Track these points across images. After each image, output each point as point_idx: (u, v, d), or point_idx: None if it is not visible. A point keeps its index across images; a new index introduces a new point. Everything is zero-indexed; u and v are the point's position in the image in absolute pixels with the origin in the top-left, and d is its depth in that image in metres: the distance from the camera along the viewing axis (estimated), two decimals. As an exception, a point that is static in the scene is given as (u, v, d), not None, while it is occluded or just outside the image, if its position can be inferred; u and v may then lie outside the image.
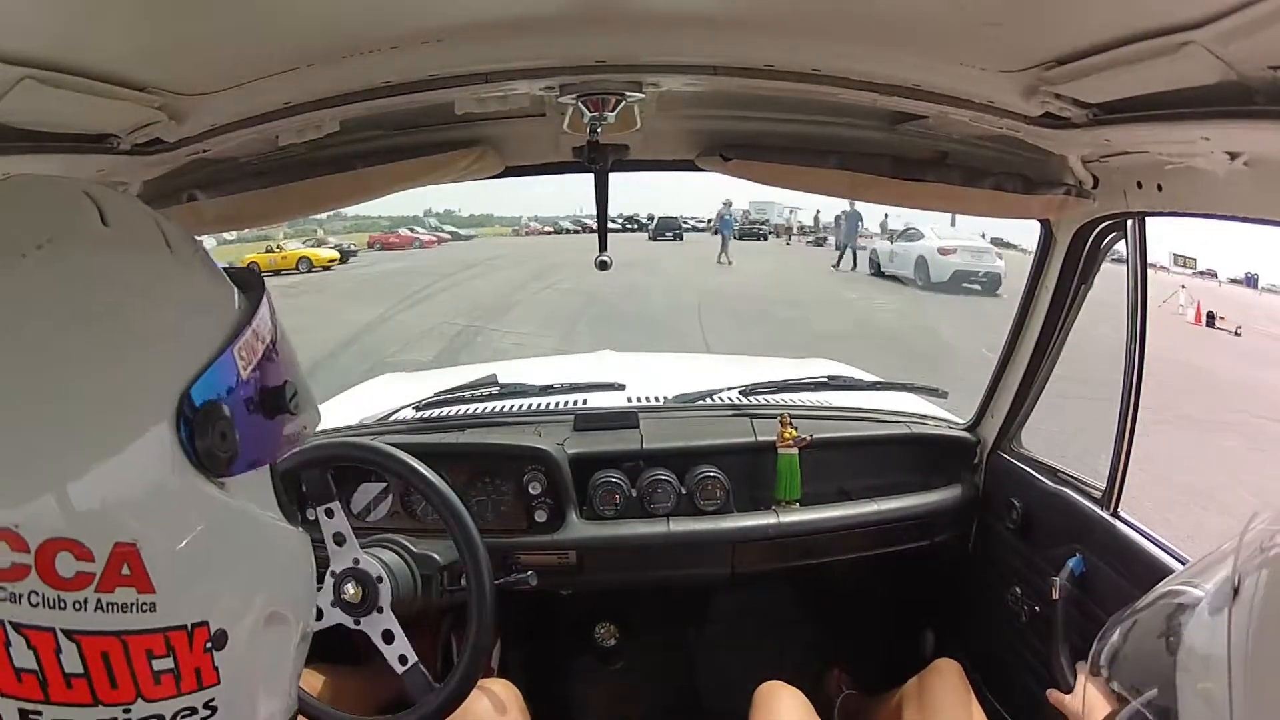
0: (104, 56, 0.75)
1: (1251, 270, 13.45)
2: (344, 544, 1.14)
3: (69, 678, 0.35)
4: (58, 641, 0.35)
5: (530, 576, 1.28)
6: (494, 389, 1.78)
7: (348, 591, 1.14)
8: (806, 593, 1.86)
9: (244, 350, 0.43)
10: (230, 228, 1.38)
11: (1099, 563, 1.26)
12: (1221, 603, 0.45)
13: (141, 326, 0.40)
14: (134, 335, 0.39)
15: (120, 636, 0.36)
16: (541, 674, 1.73)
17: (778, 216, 29.59)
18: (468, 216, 33.15)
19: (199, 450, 0.39)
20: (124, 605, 0.36)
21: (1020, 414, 1.58)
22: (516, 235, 30.07)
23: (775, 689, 1.27)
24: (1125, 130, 0.94)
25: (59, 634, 0.35)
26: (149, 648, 0.37)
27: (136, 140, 0.97)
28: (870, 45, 0.89)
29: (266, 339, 0.45)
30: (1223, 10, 0.62)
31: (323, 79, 0.94)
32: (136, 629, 0.37)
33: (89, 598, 0.35)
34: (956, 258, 11.65)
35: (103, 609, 0.36)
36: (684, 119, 1.26)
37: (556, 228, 30.86)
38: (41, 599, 0.35)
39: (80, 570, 0.35)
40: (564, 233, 29.64)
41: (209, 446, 0.40)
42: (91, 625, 0.36)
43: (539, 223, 31.45)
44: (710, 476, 1.53)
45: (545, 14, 0.82)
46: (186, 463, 0.39)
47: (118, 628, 0.36)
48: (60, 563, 0.35)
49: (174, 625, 0.38)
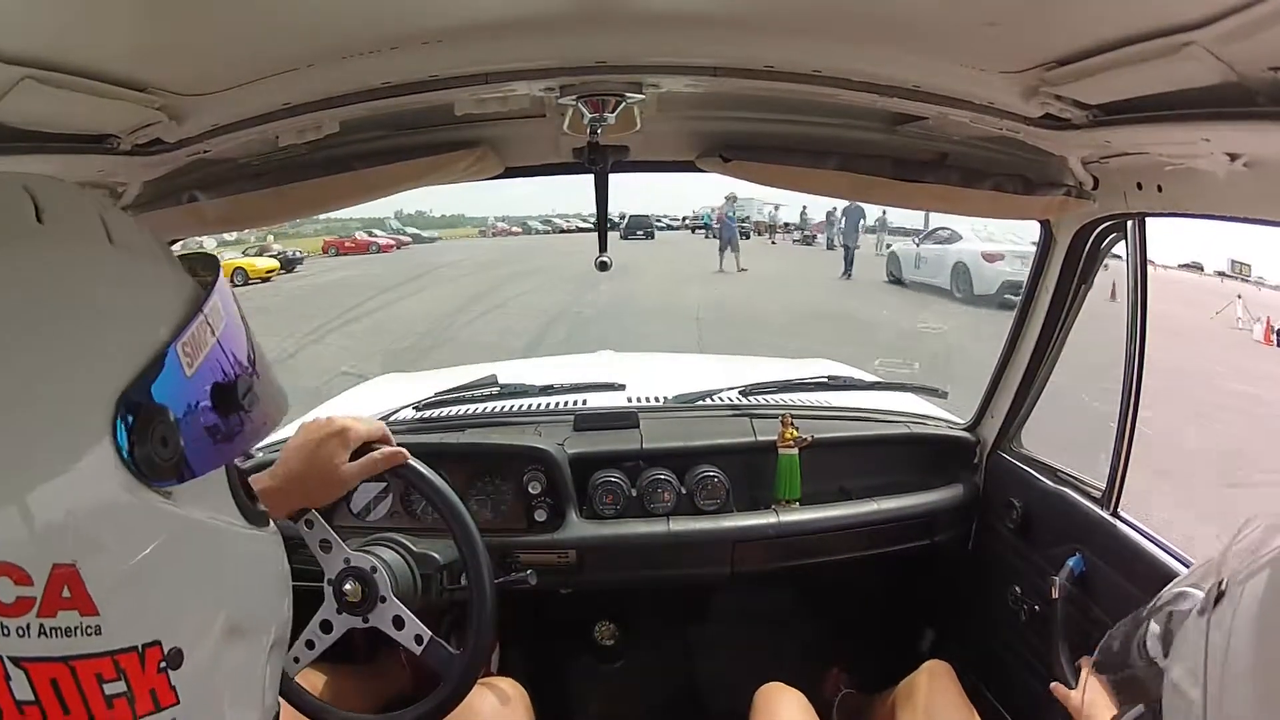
0: (104, 57, 0.75)
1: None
2: (331, 550, 1.13)
3: (20, 705, 0.34)
4: (5, 669, 0.34)
5: (530, 576, 1.28)
6: (494, 389, 1.78)
7: (347, 591, 1.14)
8: (806, 592, 1.86)
9: (188, 346, 0.40)
10: (230, 228, 1.38)
11: (1099, 562, 1.26)
12: (1206, 607, 0.46)
13: (73, 328, 0.37)
14: (65, 338, 0.36)
15: (68, 662, 0.35)
16: (541, 673, 1.73)
17: (757, 213, 28.34)
18: (439, 217, 31.91)
19: (138, 459, 0.37)
20: (68, 629, 0.34)
21: (1020, 414, 1.58)
22: (484, 236, 28.68)
23: (776, 690, 1.27)
24: (1125, 131, 0.94)
25: (5, 661, 0.34)
26: (98, 671, 0.35)
27: (137, 140, 0.97)
28: (870, 46, 0.89)
29: (219, 329, 0.42)
30: (1223, 11, 0.62)
31: (323, 79, 0.94)
32: (83, 653, 0.35)
33: (31, 623, 0.34)
34: (1005, 265, 9.32)
35: (46, 634, 0.34)
36: (684, 120, 1.26)
37: (525, 228, 29.67)
38: None
39: (20, 595, 0.33)
40: (534, 233, 28.49)
41: (149, 454, 0.37)
42: (37, 651, 0.34)
43: (506, 223, 30.21)
44: (710, 476, 1.53)
45: (545, 15, 0.82)
46: (126, 473, 0.36)
47: (63, 653, 0.34)
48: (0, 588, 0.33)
49: (122, 647, 0.36)
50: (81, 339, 0.37)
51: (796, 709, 1.24)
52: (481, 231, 29.20)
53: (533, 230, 29.26)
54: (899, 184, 1.25)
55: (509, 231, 29.00)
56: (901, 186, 1.26)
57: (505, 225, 29.41)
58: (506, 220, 30.35)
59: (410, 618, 1.12)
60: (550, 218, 30.78)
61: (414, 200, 34.15)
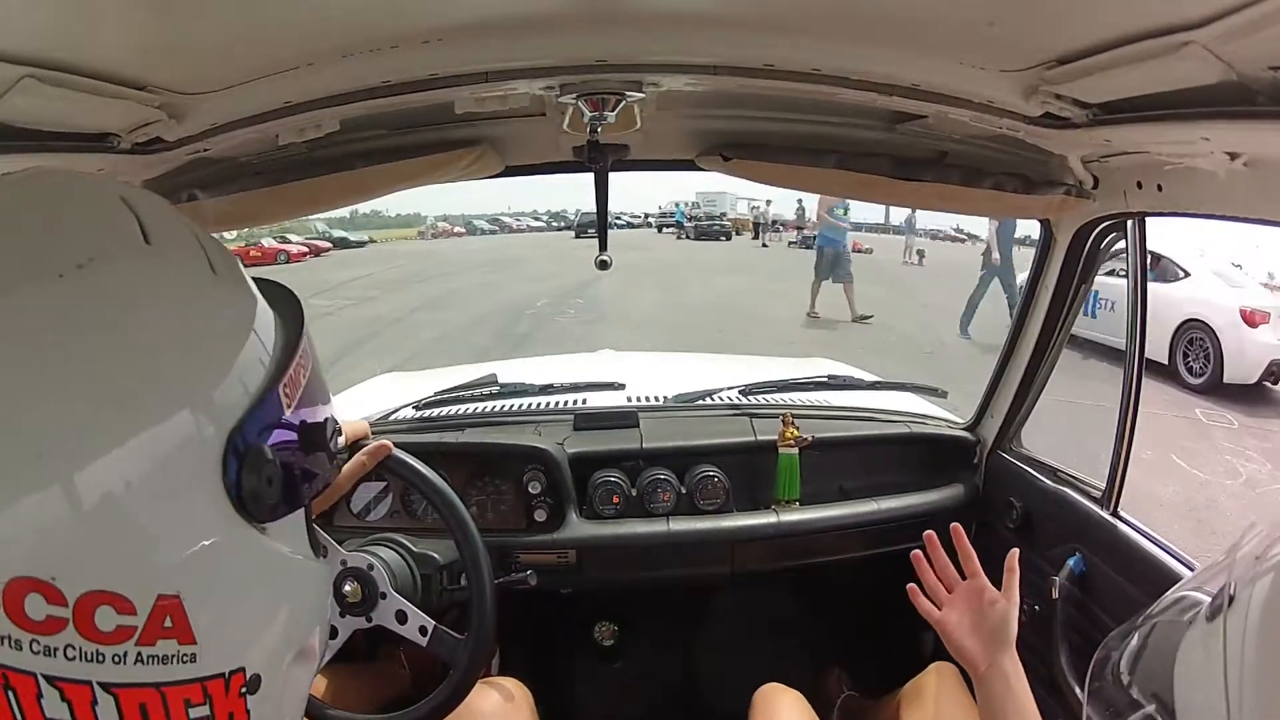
0: (104, 56, 0.75)
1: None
2: (326, 554, 1.14)
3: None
4: (94, 694, 0.33)
5: (530, 576, 1.28)
6: (494, 388, 1.78)
7: (347, 592, 1.14)
8: (806, 592, 1.86)
9: (288, 387, 0.40)
10: (231, 227, 1.38)
11: (1099, 562, 1.26)
12: (1216, 612, 0.45)
13: (185, 360, 0.37)
14: (178, 370, 0.36)
15: (159, 688, 0.35)
16: (541, 673, 1.73)
17: (730, 208, 26.43)
18: (394, 216, 29.07)
19: (245, 497, 0.37)
20: (164, 657, 0.35)
21: (1020, 414, 1.58)
22: (422, 239, 25.17)
23: (775, 691, 1.27)
24: (1125, 130, 0.94)
25: (95, 687, 0.33)
26: (187, 697, 0.36)
27: (137, 139, 0.97)
28: (870, 45, 0.89)
29: (309, 369, 0.42)
30: (1223, 10, 0.62)
31: (323, 78, 0.94)
32: (176, 680, 0.35)
33: (129, 651, 0.34)
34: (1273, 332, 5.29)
35: (142, 661, 0.34)
36: (684, 119, 1.26)
37: (470, 227, 26.75)
38: (79, 653, 0.33)
39: (120, 624, 0.33)
40: (479, 233, 25.71)
41: (256, 491, 0.37)
42: (130, 678, 0.34)
43: (449, 222, 27.01)
44: (710, 476, 1.53)
45: (545, 13, 0.82)
46: (232, 509, 0.37)
47: (157, 680, 0.35)
48: (100, 616, 0.33)
49: (213, 674, 0.36)
50: (196, 373, 0.37)
51: (795, 710, 1.23)
52: (421, 233, 25.39)
53: (478, 230, 26.66)
54: (899, 183, 1.25)
55: (450, 232, 26.09)
56: (901, 185, 1.26)
57: (447, 225, 26.27)
58: (448, 219, 27.16)
59: (413, 610, 1.13)
60: (500, 216, 28.44)
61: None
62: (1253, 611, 0.43)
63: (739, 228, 22.84)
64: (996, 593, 0.95)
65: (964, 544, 0.99)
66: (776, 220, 22.06)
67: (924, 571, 1.01)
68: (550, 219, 29.49)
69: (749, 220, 23.39)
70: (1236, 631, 0.43)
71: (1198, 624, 0.48)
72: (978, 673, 0.92)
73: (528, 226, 27.71)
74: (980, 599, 0.96)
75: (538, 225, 28.33)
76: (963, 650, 0.94)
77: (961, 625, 0.95)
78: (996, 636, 0.92)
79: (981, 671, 0.92)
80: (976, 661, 0.93)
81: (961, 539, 1.00)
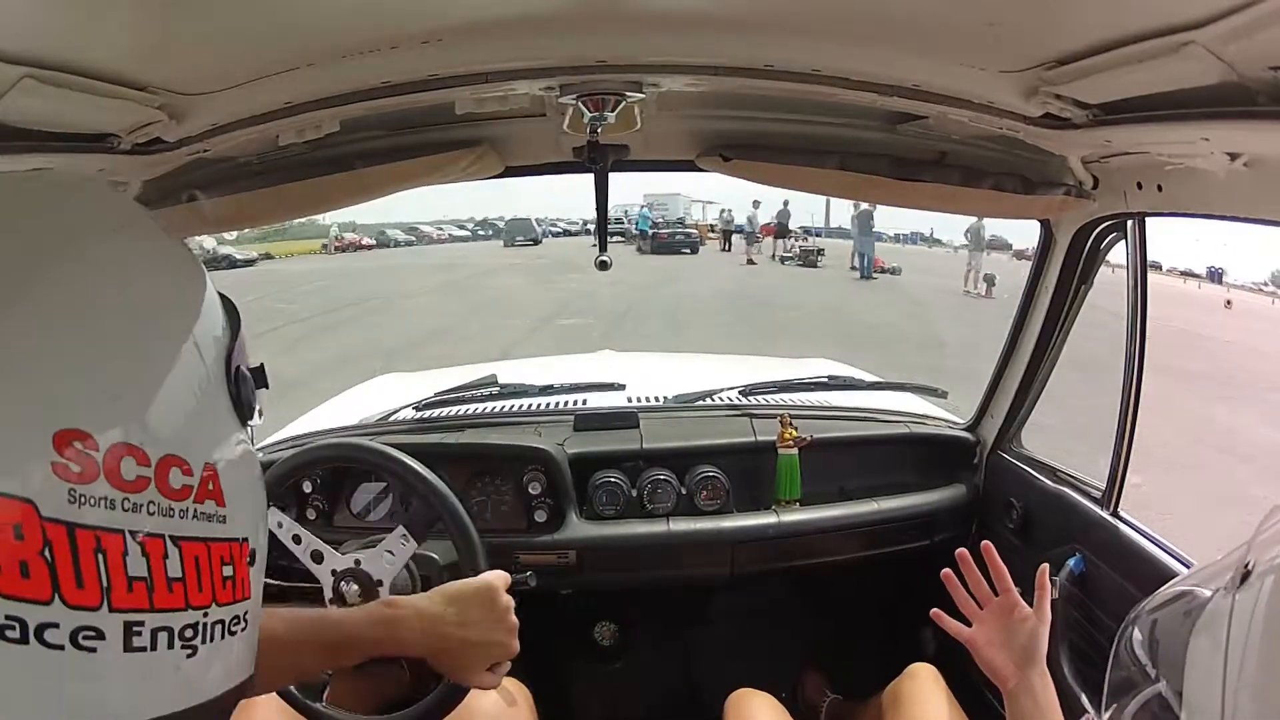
0: (104, 56, 0.75)
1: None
2: (323, 560, 1.15)
3: (171, 582, 0.42)
4: (166, 547, 0.41)
5: (530, 577, 1.28)
6: (494, 389, 1.78)
7: (347, 593, 1.14)
8: (806, 593, 1.86)
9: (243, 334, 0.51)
10: (230, 227, 1.38)
11: (1099, 562, 1.26)
12: (1230, 589, 0.46)
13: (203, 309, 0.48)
14: (201, 315, 0.48)
15: (207, 543, 0.43)
16: (541, 674, 1.73)
17: (684, 211, 23.26)
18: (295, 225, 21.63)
19: (241, 401, 0.48)
20: (209, 515, 0.44)
21: (1020, 414, 1.58)
22: (326, 252, 20.56)
23: (748, 696, 1.26)
24: (1125, 131, 0.94)
25: (168, 540, 0.41)
26: (222, 554, 0.44)
27: (137, 140, 0.97)
28: (870, 45, 0.89)
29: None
30: (1223, 10, 0.62)
31: (323, 79, 0.94)
32: (217, 537, 0.44)
33: (190, 508, 0.43)
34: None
35: (198, 518, 0.43)
36: (684, 119, 1.26)
37: (382, 238, 22.47)
38: (158, 508, 0.41)
39: (185, 483, 0.42)
40: (392, 245, 22.00)
41: (246, 398, 0.49)
42: (190, 532, 0.42)
43: (357, 233, 22.19)
44: (710, 476, 1.53)
45: (545, 14, 0.82)
46: (233, 410, 0.48)
47: (206, 535, 0.43)
48: (172, 476, 0.42)
49: (237, 537, 0.45)
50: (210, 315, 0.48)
51: (769, 715, 1.23)
52: (325, 245, 20.91)
53: (391, 242, 22.37)
54: (899, 183, 1.25)
55: (359, 244, 21.53)
56: (901, 186, 1.26)
57: (354, 236, 21.80)
58: (356, 229, 22.26)
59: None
60: (417, 225, 24.13)
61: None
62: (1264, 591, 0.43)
63: (710, 234, 20.00)
64: (1028, 609, 0.95)
65: (995, 561, 0.99)
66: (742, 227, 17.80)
67: (955, 589, 1.00)
68: (476, 227, 25.56)
69: (711, 226, 20.40)
70: (1245, 609, 0.43)
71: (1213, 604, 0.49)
72: (1006, 688, 0.92)
73: (450, 236, 24.39)
74: (1011, 615, 0.95)
75: (462, 234, 25.19)
76: (993, 666, 0.94)
77: (992, 641, 0.95)
78: (1026, 653, 0.92)
79: (1010, 687, 0.92)
80: (1006, 677, 0.92)
81: (993, 556, 1.00)
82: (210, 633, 0.44)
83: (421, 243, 23.32)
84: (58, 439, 0.38)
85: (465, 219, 26.78)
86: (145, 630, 0.40)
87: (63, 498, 0.38)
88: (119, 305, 0.44)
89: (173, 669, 0.42)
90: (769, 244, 17.01)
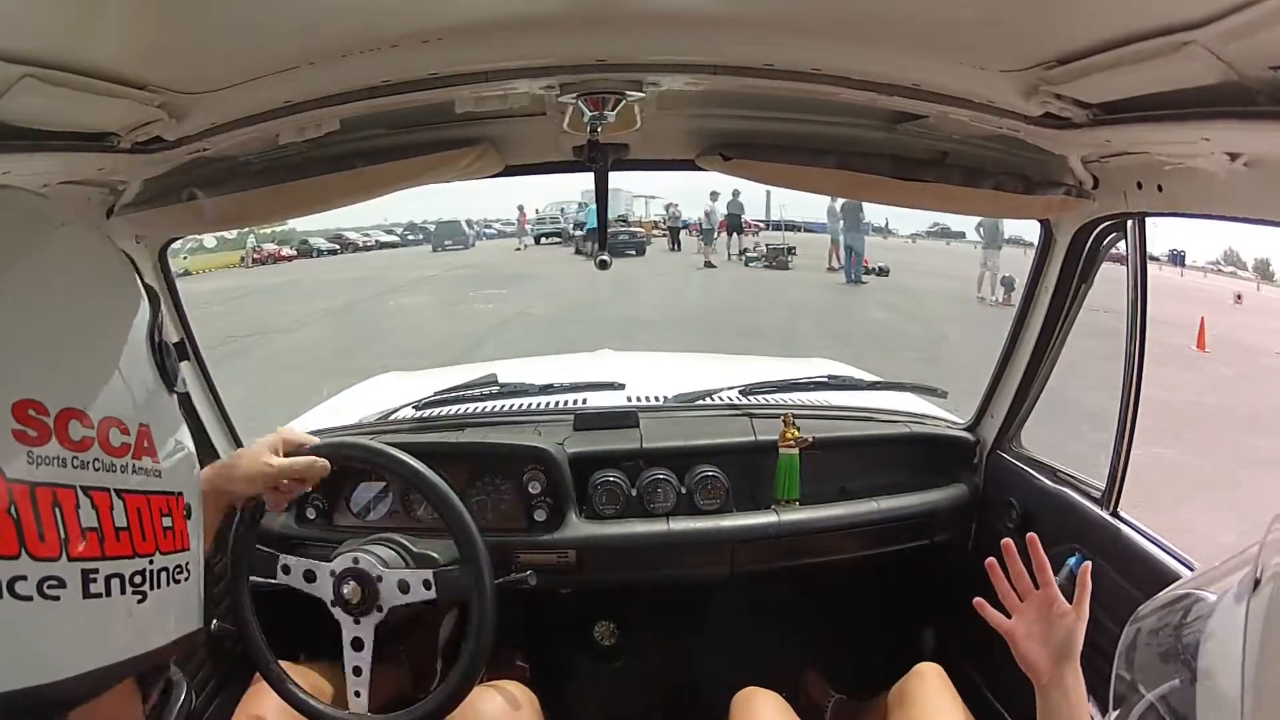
0: (105, 55, 0.75)
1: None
2: (315, 579, 1.16)
3: (118, 531, 0.46)
4: (112, 499, 0.46)
5: (530, 576, 1.28)
6: (494, 388, 1.78)
7: (348, 592, 1.14)
8: (806, 592, 1.86)
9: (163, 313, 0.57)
10: (230, 226, 1.38)
11: (1099, 562, 1.26)
12: (1243, 595, 0.46)
13: (127, 295, 0.53)
14: (126, 299, 0.53)
15: (147, 495, 0.48)
16: (541, 673, 1.73)
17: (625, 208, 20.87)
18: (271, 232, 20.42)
19: (168, 369, 0.53)
20: (146, 470, 0.48)
21: (1020, 414, 1.58)
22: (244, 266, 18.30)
23: (754, 694, 1.27)
24: (1125, 130, 0.94)
25: (112, 493, 0.46)
26: (160, 506, 0.49)
27: (137, 139, 0.97)
28: (870, 45, 0.89)
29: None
30: (1223, 10, 0.62)
31: (323, 78, 0.94)
32: (155, 490, 0.49)
33: (129, 463, 0.47)
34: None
35: (136, 472, 0.47)
36: (684, 118, 1.26)
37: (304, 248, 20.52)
38: (101, 464, 0.45)
39: (123, 441, 0.47)
40: (315, 254, 20.29)
41: (170, 368, 0.53)
42: (131, 485, 0.47)
43: (275, 242, 20.13)
44: (710, 476, 1.53)
45: (545, 13, 0.82)
46: (158, 376, 0.53)
47: (145, 488, 0.48)
48: (112, 435, 0.46)
49: (172, 491, 0.50)
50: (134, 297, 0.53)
51: (775, 712, 1.23)
52: (242, 258, 18.92)
53: (313, 251, 20.56)
54: (899, 183, 1.25)
55: (278, 256, 19.56)
56: (901, 185, 1.26)
57: (274, 247, 19.84)
58: (275, 238, 20.30)
59: (411, 573, 1.14)
60: (342, 232, 22.03)
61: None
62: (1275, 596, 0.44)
63: (655, 230, 18.50)
64: (1067, 605, 0.95)
65: (1039, 554, 0.99)
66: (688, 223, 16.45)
67: (999, 579, 1.01)
68: (405, 232, 23.43)
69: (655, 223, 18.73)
70: (1258, 614, 0.44)
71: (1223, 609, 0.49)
72: (1040, 683, 0.93)
73: (376, 243, 22.33)
74: (1050, 610, 0.96)
75: (389, 240, 23.01)
76: (1028, 659, 0.94)
77: (1030, 635, 0.95)
78: (1063, 649, 0.93)
79: (1044, 682, 0.92)
80: (1040, 671, 0.93)
81: (1037, 549, 1.00)
82: (156, 579, 0.48)
83: (347, 251, 21.60)
84: (16, 409, 0.42)
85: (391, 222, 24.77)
86: (100, 577, 0.45)
87: (23, 460, 0.42)
88: (61, 295, 0.48)
89: (125, 614, 0.46)
90: (722, 242, 14.78)
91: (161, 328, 0.55)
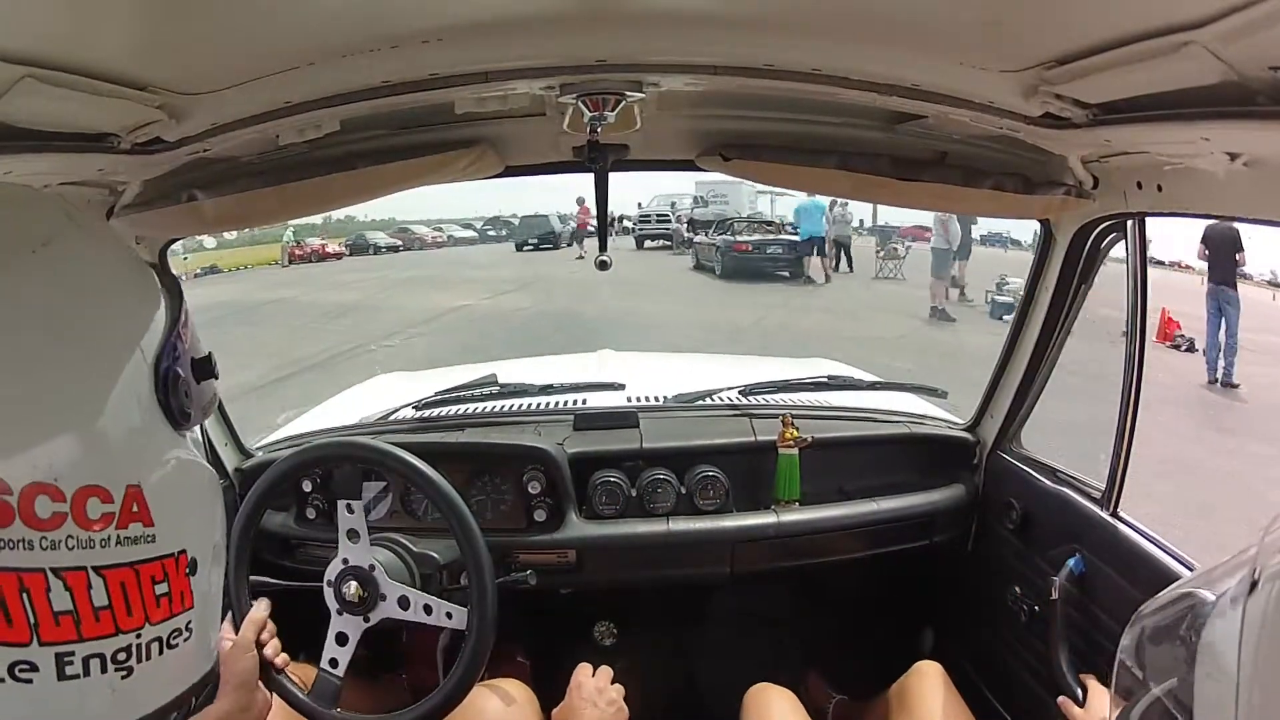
0: (104, 55, 0.75)
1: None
2: (357, 541, 1.16)
3: (98, 611, 0.42)
4: (89, 579, 0.41)
5: (530, 576, 1.28)
6: (494, 388, 1.78)
7: (348, 592, 1.14)
8: (806, 592, 1.86)
9: (183, 330, 0.50)
10: (230, 227, 1.38)
11: (1098, 563, 1.26)
12: (1239, 596, 0.46)
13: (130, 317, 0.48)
14: (126, 326, 0.47)
15: (134, 567, 0.43)
16: (541, 674, 1.73)
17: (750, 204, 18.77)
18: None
19: (173, 407, 0.47)
20: (135, 539, 0.43)
21: (1020, 414, 1.58)
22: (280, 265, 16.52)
23: (766, 690, 1.27)
24: (1125, 130, 0.94)
25: (90, 571, 0.42)
26: (153, 574, 0.44)
27: (137, 139, 0.97)
28: (870, 45, 0.89)
29: (190, 322, 0.52)
30: (1223, 10, 0.62)
31: (323, 78, 0.94)
32: (144, 558, 0.44)
33: (111, 535, 0.42)
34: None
35: (121, 544, 0.43)
36: (684, 118, 1.26)
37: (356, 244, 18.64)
38: (76, 541, 0.41)
39: (104, 511, 0.42)
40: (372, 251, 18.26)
41: (179, 403, 0.48)
42: (113, 559, 0.42)
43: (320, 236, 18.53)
44: (710, 476, 1.53)
45: (545, 13, 0.82)
46: (163, 417, 0.47)
47: (132, 559, 0.43)
48: (90, 507, 0.41)
49: (168, 553, 0.45)
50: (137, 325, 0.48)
51: (787, 709, 1.23)
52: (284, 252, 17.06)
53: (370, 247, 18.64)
54: (899, 183, 1.25)
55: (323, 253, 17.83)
56: (901, 185, 1.26)
57: (319, 242, 18.00)
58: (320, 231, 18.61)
59: (414, 593, 1.15)
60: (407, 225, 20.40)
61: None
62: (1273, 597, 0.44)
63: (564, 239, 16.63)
64: None
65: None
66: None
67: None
68: (486, 226, 20.92)
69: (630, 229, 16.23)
70: (1255, 616, 0.44)
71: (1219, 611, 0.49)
72: None
73: (449, 239, 19.87)
74: None
75: (466, 236, 20.48)
76: None
77: None
78: None
79: None
80: None
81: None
82: (145, 652, 0.44)
83: (413, 247, 18.81)
84: None
85: (472, 216, 22.49)
86: (76, 659, 0.41)
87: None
88: (25, 344, 0.42)
89: (108, 691, 0.43)
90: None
91: (176, 348, 0.49)
